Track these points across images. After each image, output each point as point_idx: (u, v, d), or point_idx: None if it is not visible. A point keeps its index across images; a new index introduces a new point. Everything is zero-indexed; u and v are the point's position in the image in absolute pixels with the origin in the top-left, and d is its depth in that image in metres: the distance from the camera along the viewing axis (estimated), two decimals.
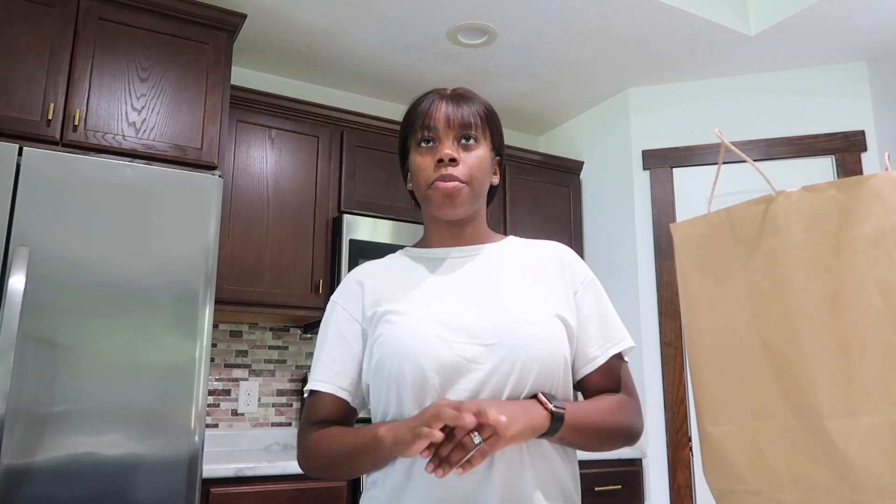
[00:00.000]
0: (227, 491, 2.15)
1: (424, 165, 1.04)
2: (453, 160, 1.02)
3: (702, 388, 0.90)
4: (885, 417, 0.74)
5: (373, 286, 1.07)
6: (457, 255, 1.09)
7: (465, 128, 1.04)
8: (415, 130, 1.07)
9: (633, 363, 3.14)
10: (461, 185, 1.02)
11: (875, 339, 0.76)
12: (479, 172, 1.04)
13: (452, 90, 1.10)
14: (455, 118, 1.04)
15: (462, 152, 1.04)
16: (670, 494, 2.94)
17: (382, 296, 1.05)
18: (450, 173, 1.02)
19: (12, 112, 2.07)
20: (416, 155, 1.06)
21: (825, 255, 0.80)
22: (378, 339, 1.00)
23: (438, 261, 1.09)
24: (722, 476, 0.88)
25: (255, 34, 2.86)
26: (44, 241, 1.89)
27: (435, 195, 1.03)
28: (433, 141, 1.05)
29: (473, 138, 1.05)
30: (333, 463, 0.99)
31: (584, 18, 2.74)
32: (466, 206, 1.04)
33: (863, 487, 0.75)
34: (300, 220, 2.78)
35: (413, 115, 1.08)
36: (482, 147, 1.06)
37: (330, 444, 1.00)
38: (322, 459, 1.00)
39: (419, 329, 0.97)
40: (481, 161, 1.05)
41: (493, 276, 1.05)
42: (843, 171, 2.97)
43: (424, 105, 1.07)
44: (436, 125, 1.04)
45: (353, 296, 1.08)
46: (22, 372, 1.81)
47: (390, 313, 1.01)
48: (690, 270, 0.94)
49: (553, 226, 3.46)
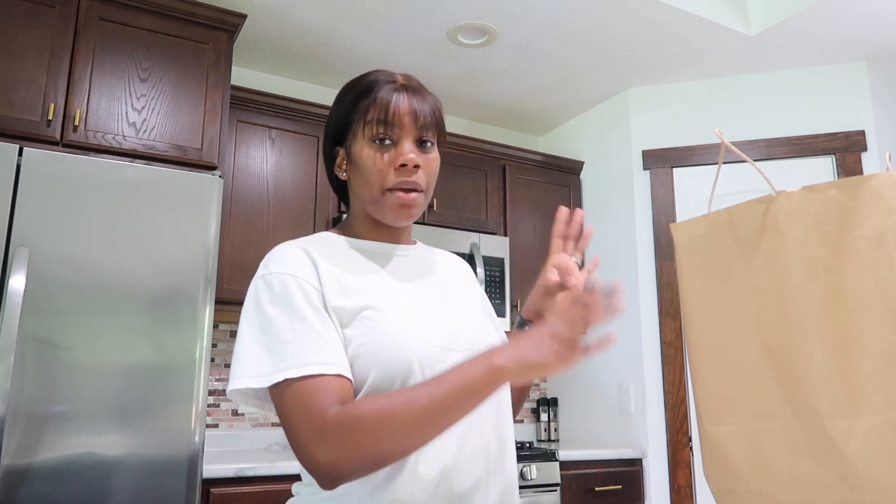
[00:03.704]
0: (227, 491, 2.15)
1: (381, 167, 0.94)
2: (418, 166, 0.94)
3: (702, 388, 0.90)
4: (886, 417, 0.74)
5: (327, 267, 0.93)
6: (401, 254, 1.03)
7: (425, 129, 0.96)
8: (369, 121, 0.95)
9: (633, 363, 3.15)
10: (419, 196, 0.96)
11: (875, 339, 0.76)
12: (433, 178, 0.99)
13: (403, 77, 0.99)
14: (420, 117, 0.96)
15: (421, 155, 0.96)
16: (670, 494, 2.94)
17: (347, 285, 0.92)
18: (412, 180, 0.94)
19: (12, 112, 2.07)
20: (368, 150, 0.95)
21: (825, 255, 0.80)
22: (358, 337, 0.89)
23: (385, 256, 1.01)
24: (722, 476, 0.88)
25: (255, 34, 2.86)
26: (44, 241, 1.89)
27: (391, 203, 0.95)
28: (391, 139, 0.95)
29: (431, 141, 0.98)
30: (418, 423, 0.79)
31: (584, 18, 2.74)
32: (418, 215, 0.98)
33: (863, 487, 0.75)
34: (300, 221, 2.78)
35: (364, 101, 0.97)
36: (436, 150, 0.99)
37: (407, 401, 0.79)
38: (401, 424, 0.78)
39: (410, 332, 0.91)
40: (436, 166, 0.99)
41: (446, 283, 1.04)
42: (843, 171, 2.97)
43: (381, 94, 0.96)
44: (398, 123, 0.95)
45: (310, 269, 0.92)
46: (22, 372, 1.81)
47: (368, 309, 0.91)
48: (690, 270, 0.94)
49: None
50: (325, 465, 0.79)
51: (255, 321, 0.89)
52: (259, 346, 0.86)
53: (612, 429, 3.20)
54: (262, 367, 0.85)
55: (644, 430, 3.03)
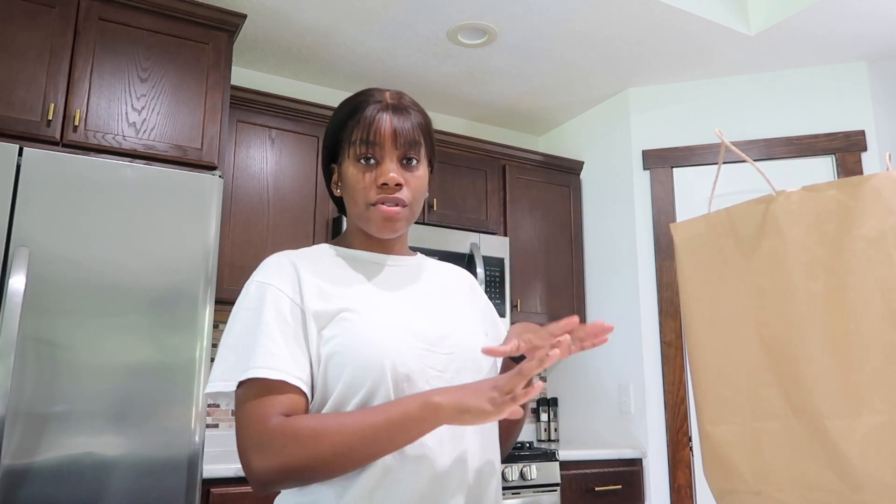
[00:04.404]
0: (227, 491, 2.15)
1: (364, 185, 0.98)
2: (399, 185, 0.97)
3: (702, 388, 0.90)
4: (886, 417, 0.74)
5: (310, 275, 0.97)
6: (393, 264, 1.06)
7: (409, 147, 0.99)
8: (354, 142, 0.99)
9: (633, 363, 3.15)
10: (403, 210, 0.99)
11: (875, 339, 0.76)
12: (420, 194, 1.01)
13: (391, 96, 1.02)
14: (400, 136, 0.98)
15: (405, 173, 0.99)
16: (670, 494, 2.94)
17: (329, 290, 0.96)
18: (394, 197, 0.97)
19: (12, 112, 2.07)
20: (354, 169, 0.99)
21: (825, 255, 0.80)
22: (335, 337, 0.92)
23: (377, 265, 1.04)
24: (722, 476, 0.88)
25: (255, 34, 2.86)
26: (44, 241, 1.89)
27: (375, 217, 0.98)
28: (375, 159, 0.98)
29: (416, 158, 1.00)
30: (348, 447, 0.83)
31: (584, 18, 2.74)
32: (404, 228, 1.01)
33: (863, 488, 0.75)
34: (300, 221, 2.78)
35: (351, 122, 1.00)
36: (422, 166, 1.02)
37: (341, 424, 0.84)
38: (330, 445, 0.83)
39: (386, 332, 0.92)
40: (422, 182, 1.02)
41: (433, 290, 1.06)
42: (843, 171, 2.97)
43: (366, 114, 0.99)
44: (380, 142, 0.98)
45: (290, 280, 0.95)
46: (22, 372, 1.81)
47: (346, 311, 0.94)
48: (690, 270, 0.94)
49: (553, 226, 3.46)
50: (257, 473, 0.85)
51: (228, 326, 0.95)
52: (227, 349, 0.93)
53: (612, 429, 3.21)
54: (230, 371, 0.91)
55: (644, 430, 3.03)
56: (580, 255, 3.51)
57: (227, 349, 0.92)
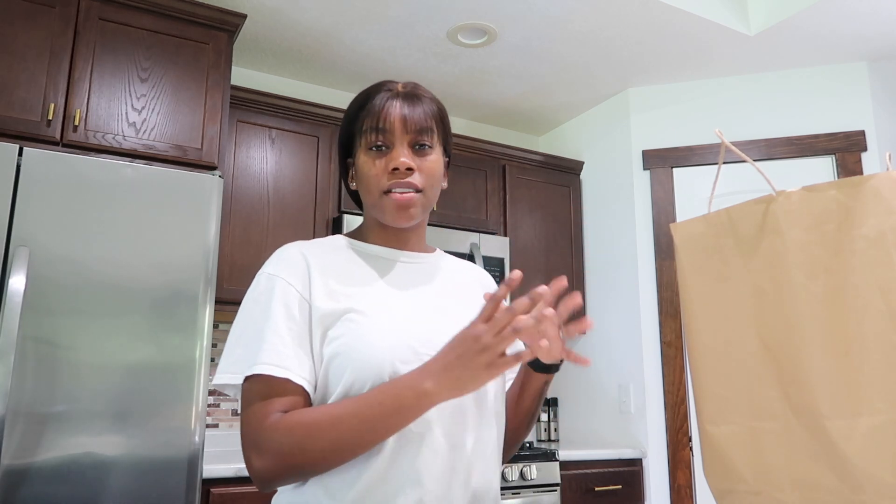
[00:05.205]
0: (227, 491, 2.15)
1: (376, 172, 0.98)
2: (410, 169, 0.97)
3: (702, 388, 0.90)
4: (886, 417, 0.74)
5: (321, 272, 0.96)
6: (406, 260, 1.04)
7: (421, 133, 0.99)
8: (364, 131, 0.99)
9: (633, 363, 3.15)
10: (416, 196, 0.97)
11: (875, 339, 0.76)
12: (434, 180, 1.00)
13: (403, 86, 1.02)
14: (411, 122, 0.98)
15: (417, 158, 0.98)
16: (670, 494, 2.94)
17: (338, 289, 0.95)
18: (406, 181, 0.97)
19: (12, 112, 2.07)
20: (366, 158, 0.99)
21: (825, 255, 0.80)
22: (339, 337, 0.91)
23: (389, 262, 1.03)
24: (722, 476, 0.88)
25: (255, 34, 2.86)
26: (44, 241, 1.89)
27: (388, 205, 0.97)
28: (386, 146, 0.98)
29: (428, 144, 1.00)
30: (344, 441, 0.84)
31: (584, 18, 2.74)
32: (420, 215, 1.00)
33: (863, 488, 0.75)
34: (300, 221, 2.78)
35: (362, 112, 1.01)
36: (436, 152, 1.01)
37: (336, 419, 0.84)
38: (327, 441, 0.83)
39: (390, 335, 0.92)
40: (436, 168, 1.00)
41: (447, 291, 1.04)
42: (843, 171, 2.97)
43: (376, 103, 0.99)
44: (390, 128, 0.97)
45: (301, 274, 0.95)
46: (22, 372, 1.81)
47: (353, 311, 0.93)
48: (690, 270, 0.93)
49: (553, 226, 3.46)
50: (257, 470, 0.86)
51: (238, 317, 0.96)
52: (235, 340, 0.94)
53: (612, 429, 3.20)
54: (237, 364, 0.91)
55: (644, 430, 3.03)
56: (580, 255, 3.51)
57: (234, 340, 0.93)
